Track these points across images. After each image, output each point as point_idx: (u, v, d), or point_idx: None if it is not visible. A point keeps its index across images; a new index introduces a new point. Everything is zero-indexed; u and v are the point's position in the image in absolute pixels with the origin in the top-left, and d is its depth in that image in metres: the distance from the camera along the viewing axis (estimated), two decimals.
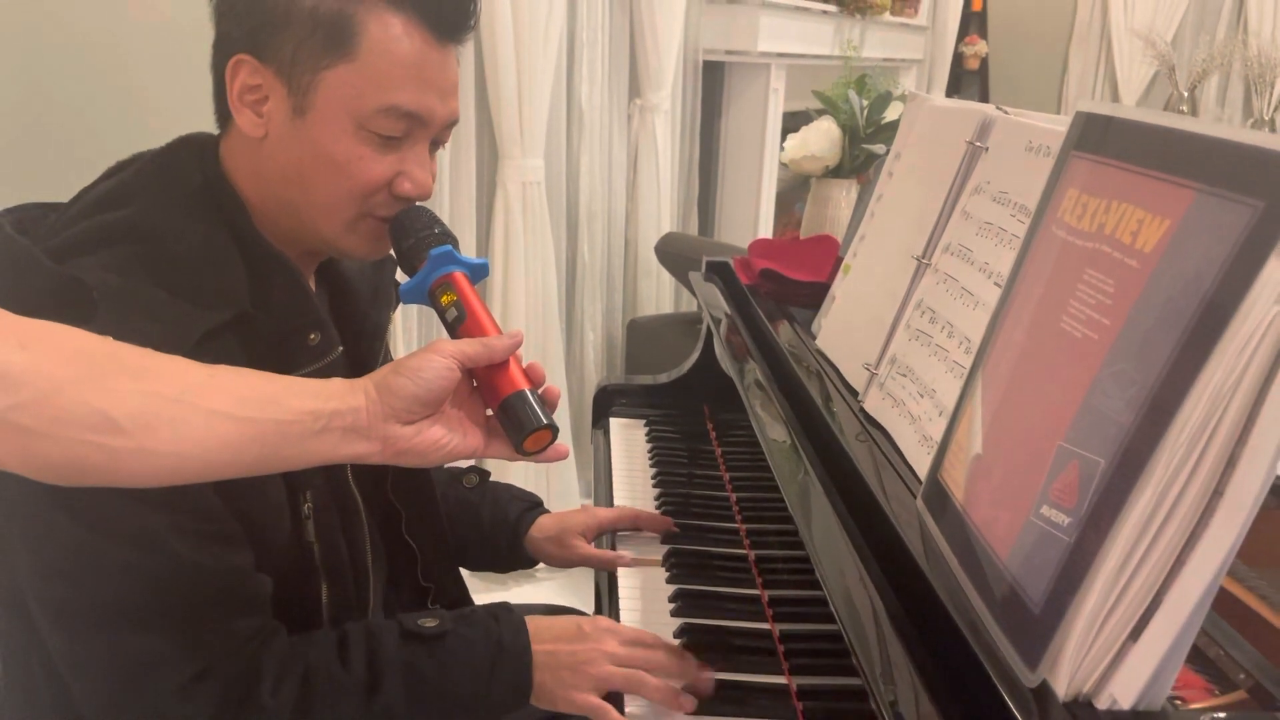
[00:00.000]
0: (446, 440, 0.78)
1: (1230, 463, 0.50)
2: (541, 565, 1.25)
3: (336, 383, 0.75)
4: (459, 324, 0.85)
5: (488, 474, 1.22)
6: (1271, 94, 3.69)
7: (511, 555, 1.24)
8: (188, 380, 0.69)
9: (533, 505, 1.27)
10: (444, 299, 0.86)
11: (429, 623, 0.90)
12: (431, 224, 0.90)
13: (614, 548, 1.23)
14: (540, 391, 0.82)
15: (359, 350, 1.00)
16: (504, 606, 0.95)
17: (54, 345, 0.65)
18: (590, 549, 1.21)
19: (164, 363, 0.69)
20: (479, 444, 0.81)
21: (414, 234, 0.89)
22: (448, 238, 0.89)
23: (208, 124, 0.92)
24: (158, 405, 0.66)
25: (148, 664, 0.79)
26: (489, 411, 0.83)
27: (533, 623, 0.93)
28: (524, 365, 0.83)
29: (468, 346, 0.79)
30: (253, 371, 0.74)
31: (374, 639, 0.88)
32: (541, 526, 1.23)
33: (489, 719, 0.90)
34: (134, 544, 0.77)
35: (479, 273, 0.89)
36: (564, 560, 1.22)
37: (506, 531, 1.23)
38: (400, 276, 1.11)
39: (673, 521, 1.24)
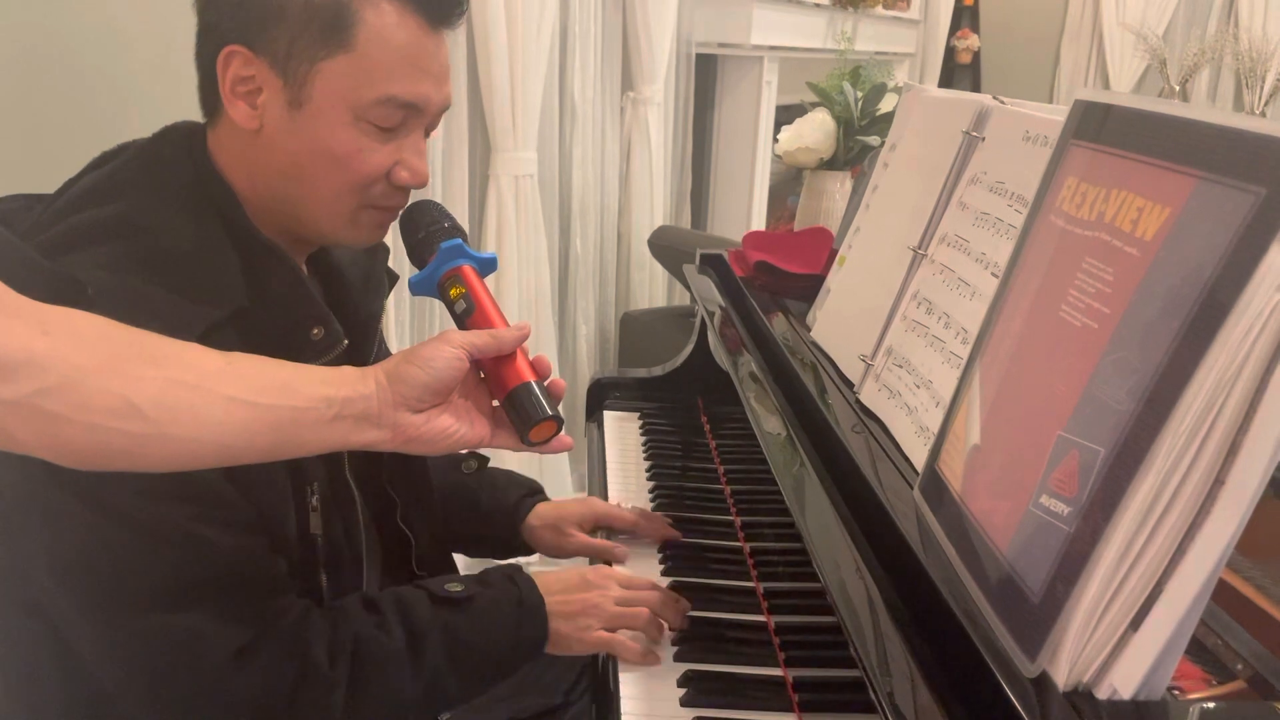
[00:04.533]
0: (454, 429, 0.79)
1: (1232, 451, 0.50)
2: (536, 557, 1.24)
3: (348, 370, 0.76)
4: (467, 316, 0.85)
5: (487, 460, 1.21)
6: (1262, 88, 3.69)
7: (509, 542, 1.23)
8: (205, 366, 0.69)
9: (531, 491, 1.26)
10: (453, 292, 0.87)
11: (454, 587, 0.94)
12: (442, 218, 0.91)
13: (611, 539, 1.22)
14: (546, 384, 0.83)
15: (354, 339, 0.99)
16: (515, 568, 0.99)
17: (76, 331, 0.65)
18: (586, 538, 1.21)
19: (181, 349, 0.70)
20: (486, 433, 0.82)
21: (424, 227, 0.90)
22: (458, 231, 0.90)
23: (198, 114, 0.91)
24: (178, 391, 0.67)
25: (190, 641, 0.79)
26: (495, 403, 0.84)
27: (540, 578, 0.99)
28: (530, 358, 0.83)
29: (477, 338, 0.80)
30: (267, 359, 0.74)
31: (405, 606, 0.91)
32: (539, 514, 1.23)
33: (509, 675, 0.95)
34: (155, 531, 0.77)
35: (488, 267, 0.90)
36: (559, 549, 1.21)
37: (504, 517, 1.22)
38: (396, 269, 1.11)
39: (671, 524, 1.22)
